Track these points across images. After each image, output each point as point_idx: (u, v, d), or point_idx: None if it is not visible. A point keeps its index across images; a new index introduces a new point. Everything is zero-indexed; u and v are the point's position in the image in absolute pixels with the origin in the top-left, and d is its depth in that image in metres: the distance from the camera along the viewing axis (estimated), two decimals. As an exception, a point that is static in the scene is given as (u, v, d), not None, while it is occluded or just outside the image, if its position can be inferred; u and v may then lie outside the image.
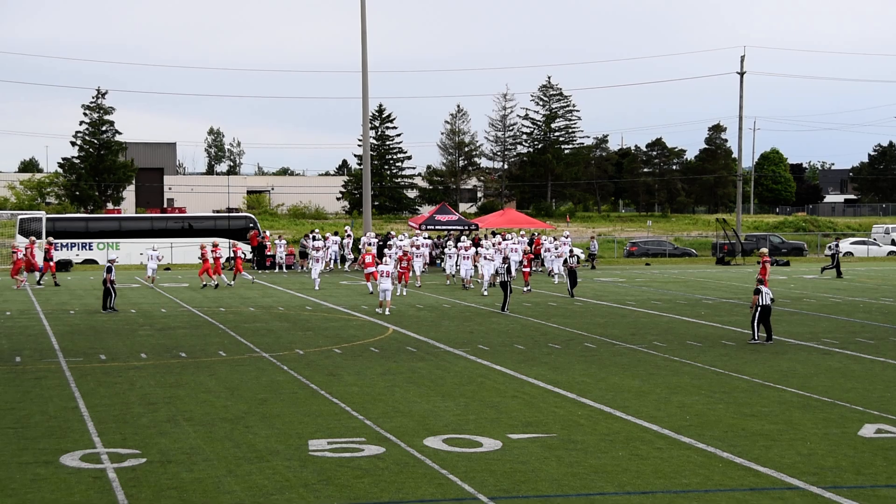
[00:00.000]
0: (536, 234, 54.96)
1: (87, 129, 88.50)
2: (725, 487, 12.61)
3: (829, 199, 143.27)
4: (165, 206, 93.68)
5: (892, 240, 70.76)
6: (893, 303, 35.76)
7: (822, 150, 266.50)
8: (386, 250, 48.44)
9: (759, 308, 24.83)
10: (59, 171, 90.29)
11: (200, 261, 42.05)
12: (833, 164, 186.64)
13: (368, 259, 37.60)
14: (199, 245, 43.86)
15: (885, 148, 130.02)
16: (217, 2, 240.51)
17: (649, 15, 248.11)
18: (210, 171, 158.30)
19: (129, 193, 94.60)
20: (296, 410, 16.88)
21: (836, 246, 51.50)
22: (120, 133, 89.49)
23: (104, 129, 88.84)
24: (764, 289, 24.88)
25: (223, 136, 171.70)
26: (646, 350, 23.90)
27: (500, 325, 28.74)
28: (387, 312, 31.02)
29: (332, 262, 51.72)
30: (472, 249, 42.31)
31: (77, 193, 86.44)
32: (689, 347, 24.32)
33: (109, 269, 32.21)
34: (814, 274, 50.21)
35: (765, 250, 32.81)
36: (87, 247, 51.81)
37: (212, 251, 41.71)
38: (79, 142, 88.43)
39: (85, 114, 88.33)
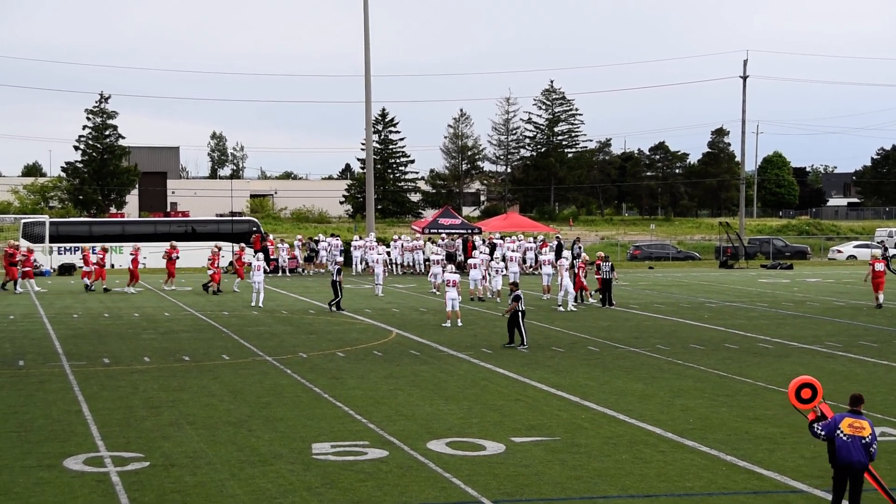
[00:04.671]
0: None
1: (90, 133, 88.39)
2: (729, 491, 12.60)
3: (832, 202, 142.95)
4: (169, 210, 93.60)
5: None
6: (897, 306, 35.72)
7: (826, 153, 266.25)
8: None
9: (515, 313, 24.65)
10: (63, 175, 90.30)
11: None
12: (836, 167, 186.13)
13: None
14: (209, 248, 43.18)
15: (888, 151, 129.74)
16: (219, 5, 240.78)
17: (651, 18, 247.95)
18: (213, 175, 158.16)
19: (133, 197, 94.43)
20: (299, 414, 16.89)
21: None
22: (123, 137, 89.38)
23: (107, 133, 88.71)
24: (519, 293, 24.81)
25: (226, 139, 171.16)
26: (649, 353, 23.88)
27: (503, 329, 28.67)
28: (458, 324, 28.96)
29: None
30: (488, 256, 40.83)
31: (80, 197, 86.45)
32: (692, 351, 24.31)
33: (339, 272, 33.84)
34: (817, 277, 50.11)
35: (877, 252, 31.84)
36: (91, 250, 51.75)
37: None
38: (82, 146, 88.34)
39: (88, 118, 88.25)
